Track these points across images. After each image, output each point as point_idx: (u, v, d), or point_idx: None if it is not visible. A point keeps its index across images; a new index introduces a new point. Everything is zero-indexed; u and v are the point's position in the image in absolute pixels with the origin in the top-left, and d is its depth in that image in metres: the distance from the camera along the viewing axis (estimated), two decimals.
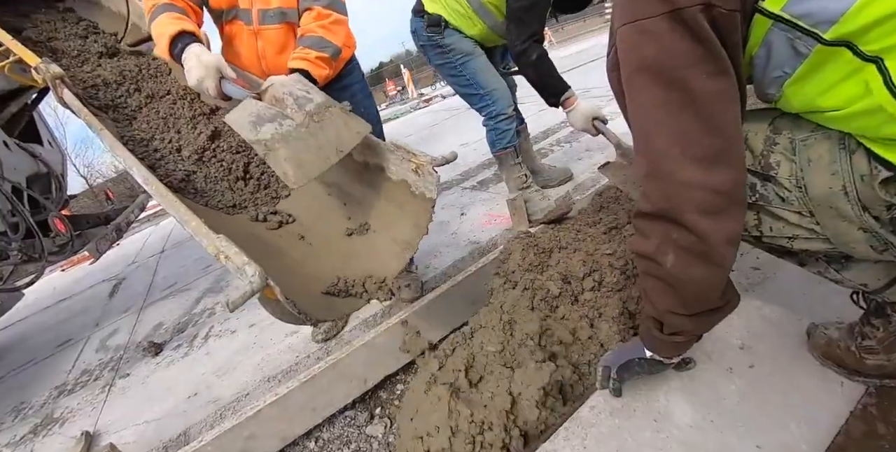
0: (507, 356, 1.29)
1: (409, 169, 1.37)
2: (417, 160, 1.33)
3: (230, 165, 1.73)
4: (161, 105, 1.96)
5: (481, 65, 2.40)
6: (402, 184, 1.42)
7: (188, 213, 1.09)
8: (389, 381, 2.13)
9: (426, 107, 10.94)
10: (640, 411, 1.13)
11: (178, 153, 1.78)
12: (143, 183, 1.28)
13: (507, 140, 2.49)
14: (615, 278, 1.60)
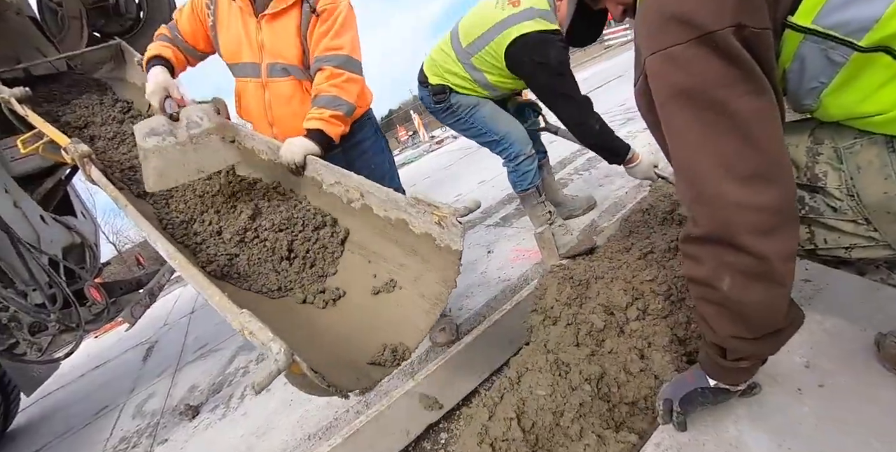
0: (559, 399, 1.22)
1: (431, 221, 1.33)
2: (440, 212, 1.27)
3: (273, 245, 1.69)
4: (197, 182, 1.95)
5: (489, 111, 2.44)
6: (426, 238, 1.37)
7: (211, 287, 1.09)
8: (432, 430, 2.05)
9: (439, 149, 11.15)
10: (710, 444, 1.05)
11: (219, 235, 1.75)
12: (166, 257, 1.30)
13: (528, 180, 2.50)
14: (660, 304, 1.54)
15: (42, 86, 3.01)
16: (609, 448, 1.09)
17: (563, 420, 1.19)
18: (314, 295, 1.56)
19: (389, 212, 1.49)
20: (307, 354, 1.13)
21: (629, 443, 1.11)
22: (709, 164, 0.78)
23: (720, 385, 1.02)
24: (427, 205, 1.33)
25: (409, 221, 1.42)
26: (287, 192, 1.87)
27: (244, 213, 1.76)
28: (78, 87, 2.98)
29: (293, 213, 1.75)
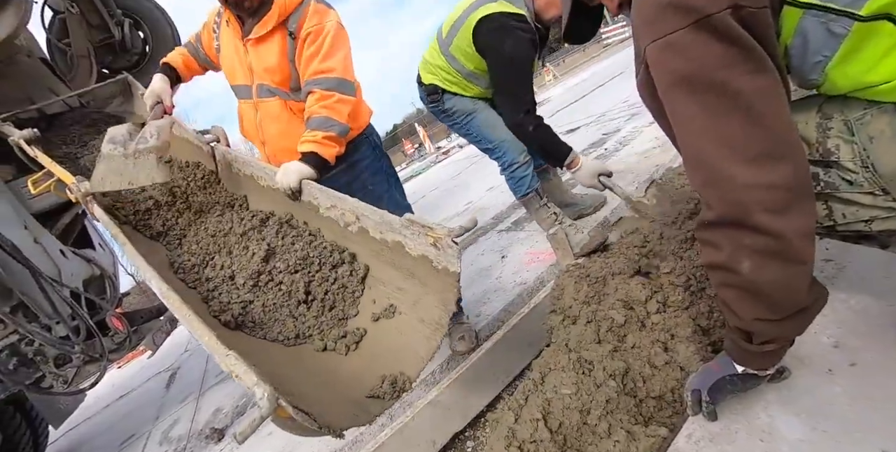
0: (585, 397, 1.20)
1: (427, 243, 1.28)
2: (434, 234, 1.22)
3: (290, 288, 1.60)
4: (209, 219, 1.97)
5: (485, 119, 2.45)
6: (423, 260, 1.32)
7: (201, 328, 1.09)
8: (458, 439, 2.03)
9: (446, 160, 11.20)
10: (742, 432, 1.02)
11: (232, 281, 1.68)
12: (160, 296, 1.30)
13: (526, 186, 2.50)
14: (679, 296, 1.52)
15: (60, 127, 3.11)
16: (640, 443, 1.07)
17: (590, 419, 1.17)
18: (335, 340, 1.48)
19: (385, 235, 1.46)
20: (302, 394, 1.15)
21: (659, 437, 1.08)
22: (715, 147, 0.78)
23: (748, 371, 1.00)
24: (421, 227, 1.28)
25: (405, 243, 1.38)
26: (300, 226, 1.81)
27: (257, 255, 1.68)
28: (96, 127, 3.05)
29: (308, 252, 1.67)
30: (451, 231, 1.19)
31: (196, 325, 1.10)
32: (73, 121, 3.21)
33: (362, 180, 2.02)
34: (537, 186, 2.47)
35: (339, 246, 1.66)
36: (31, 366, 2.74)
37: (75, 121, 3.20)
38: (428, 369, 2.19)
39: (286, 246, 1.72)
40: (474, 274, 2.94)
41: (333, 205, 1.62)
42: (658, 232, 1.93)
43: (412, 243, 1.35)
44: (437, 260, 1.28)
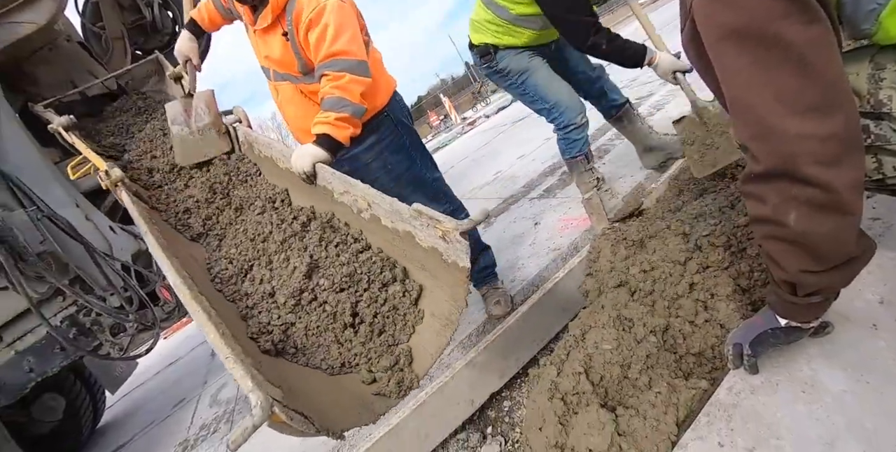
0: (625, 352, 1.24)
1: (436, 235, 1.21)
2: (442, 227, 1.15)
3: (335, 309, 1.45)
4: (250, 217, 1.91)
5: (541, 78, 2.40)
6: (433, 252, 1.26)
7: (208, 325, 1.09)
8: (495, 399, 2.10)
9: (472, 130, 11.09)
10: (784, 384, 1.04)
11: (272, 298, 1.55)
12: (174, 286, 1.31)
13: (577, 149, 2.47)
14: (720, 256, 1.52)
15: (109, 118, 3.22)
16: (680, 395, 1.10)
17: (630, 373, 1.20)
18: (385, 370, 1.32)
19: (396, 224, 1.40)
20: (306, 394, 1.17)
21: (700, 389, 1.11)
22: (766, 100, 0.77)
23: (791, 324, 1.01)
24: (429, 219, 1.21)
25: (416, 234, 1.32)
26: (342, 227, 1.68)
27: (298, 270, 1.54)
28: (142, 116, 3.13)
29: (356, 267, 1.51)
30: (459, 225, 1.11)
31: (205, 322, 1.10)
32: (120, 111, 3.30)
33: (382, 159, 2.02)
34: (587, 150, 2.43)
35: (390, 259, 1.52)
36: (90, 335, 2.92)
37: (122, 111, 3.30)
38: (464, 332, 2.25)
39: (330, 259, 1.58)
40: (507, 240, 2.97)
41: (346, 190, 1.58)
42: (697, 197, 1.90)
43: (422, 234, 1.29)
44: (447, 254, 1.21)
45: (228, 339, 1.12)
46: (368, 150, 2.00)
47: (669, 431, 1.03)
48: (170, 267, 1.38)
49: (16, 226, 2.65)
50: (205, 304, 1.28)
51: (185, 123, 2.18)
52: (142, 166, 2.46)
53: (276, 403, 0.86)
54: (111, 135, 2.97)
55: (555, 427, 1.12)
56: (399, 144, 2.07)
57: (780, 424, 0.97)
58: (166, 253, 1.48)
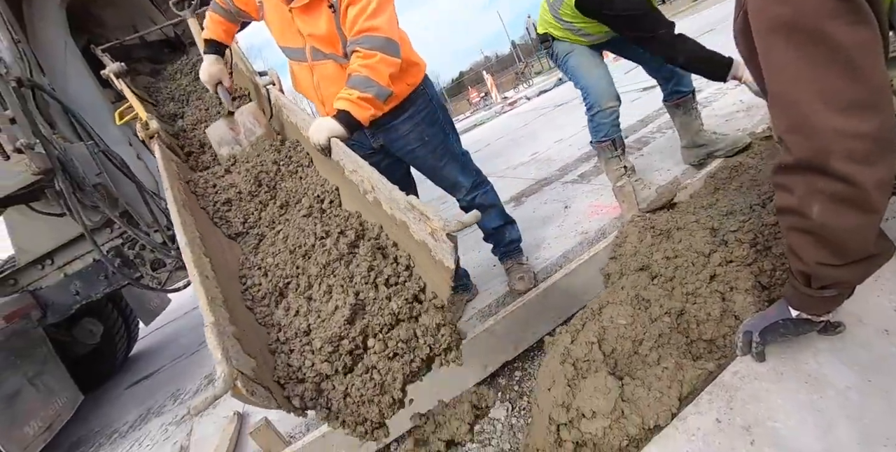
0: (639, 329, 1.30)
1: (426, 231, 1.15)
2: (430, 224, 1.10)
3: (384, 377, 1.19)
4: (293, 219, 1.74)
5: (578, 61, 2.45)
6: (424, 246, 1.20)
7: (200, 287, 1.12)
8: (507, 368, 2.19)
9: (511, 110, 10.99)
10: (788, 374, 1.09)
11: (307, 337, 1.29)
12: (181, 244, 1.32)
13: (602, 132, 2.49)
14: (744, 252, 1.54)
15: (170, 79, 3.29)
16: (687, 373, 1.16)
17: (641, 349, 1.26)
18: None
19: (394, 212, 1.34)
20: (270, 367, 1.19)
21: (706, 371, 1.17)
22: (808, 95, 0.80)
23: (802, 316, 1.05)
24: (420, 213, 1.15)
25: (409, 225, 1.25)
26: (391, 249, 1.45)
27: (340, 310, 1.28)
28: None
29: (415, 330, 1.26)
30: (447, 224, 1.04)
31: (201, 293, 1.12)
32: (181, 73, 3.40)
33: (419, 131, 2.06)
34: (616, 136, 2.46)
35: (450, 322, 1.30)
36: (132, 267, 3.11)
37: (183, 73, 3.39)
38: (484, 302, 2.34)
39: (379, 303, 1.30)
40: (536, 220, 3.02)
41: (355, 169, 1.54)
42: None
43: (415, 226, 1.23)
44: (435, 251, 1.15)
45: (216, 306, 1.13)
46: (406, 122, 2.04)
47: (671, 404, 1.10)
48: (179, 226, 1.40)
49: (75, 157, 2.82)
50: (206, 269, 1.31)
51: (234, 141, 2.07)
52: (194, 138, 2.43)
53: (242, 377, 0.89)
54: (171, 100, 3.02)
55: (563, 388, 1.20)
56: (434, 118, 2.11)
57: (779, 409, 1.03)
58: (181, 211, 1.51)
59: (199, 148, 2.34)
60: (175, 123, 2.64)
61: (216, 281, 1.35)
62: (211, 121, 2.41)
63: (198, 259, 1.32)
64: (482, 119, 11.85)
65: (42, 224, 3.00)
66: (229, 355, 0.93)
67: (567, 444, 1.15)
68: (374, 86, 1.66)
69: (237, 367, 0.91)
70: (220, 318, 1.08)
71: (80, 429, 3.53)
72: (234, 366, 0.90)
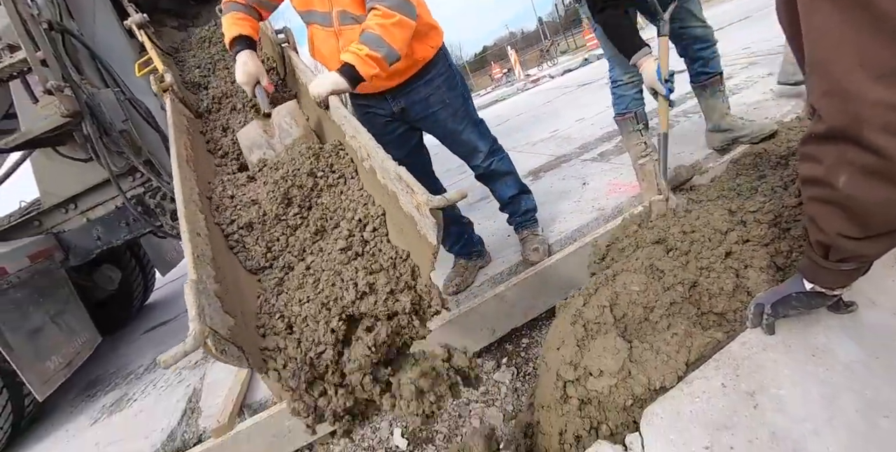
0: (651, 296, 1.32)
1: (413, 204, 1.11)
2: (416, 198, 1.06)
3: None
4: (328, 250, 1.43)
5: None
6: (411, 220, 1.16)
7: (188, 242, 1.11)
8: (515, 335, 2.24)
9: (534, 88, 10.83)
10: (796, 347, 1.11)
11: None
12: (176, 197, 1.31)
13: (623, 105, 2.47)
14: (762, 231, 1.55)
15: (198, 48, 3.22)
16: (695, 340, 1.18)
17: (652, 315, 1.29)
18: None
19: (386, 181, 1.29)
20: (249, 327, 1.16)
21: (714, 339, 1.19)
22: (850, 62, 0.78)
23: (816, 289, 1.06)
24: (407, 185, 1.11)
25: (399, 197, 1.22)
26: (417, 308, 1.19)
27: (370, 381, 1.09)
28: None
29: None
30: (430, 200, 1.01)
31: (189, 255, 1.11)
32: (210, 43, 3.34)
33: (440, 94, 2.06)
34: (638, 110, 2.43)
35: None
36: (153, 216, 3.17)
37: (212, 43, 3.32)
38: (497, 269, 2.37)
39: (408, 377, 1.09)
40: (553, 194, 3.03)
41: (353, 135, 1.49)
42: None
43: (403, 198, 1.19)
44: (421, 226, 1.11)
45: (202, 263, 1.13)
46: (427, 85, 2.04)
47: (678, 367, 1.13)
48: (178, 181, 1.38)
49: (102, 103, 2.85)
50: (199, 226, 1.30)
51: (267, 145, 1.79)
52: (217, 121, 2.17)
53: (214, 335, 0.90)
54: (196, 67, 2.87)
55: (572, 348, 1.24)
56: (454, 82, 2.12)
57: (784, 378, 1.05)
58: (182, 166, 1.48)
59: (221, 132, 2.08)
60: (199, 93, 2.47)
61: (208, 238, 1.33)
62: (237, 100, 2.22)
63: (192, 215, 1.31)
64: (503, 95, 11.70)
65: (67, 168, 3.06)
66: (204, 313, 0.94)
67: (573, 400, 1.19)
68: (385, 48, 1.65)
69: (210, 326, 0.92)
70: (202, 276, 1.08)
71: (98, 369, 3.68)
72: (208, 324, 0.91)
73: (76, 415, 2.97)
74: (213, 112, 2.22)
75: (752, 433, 0.95)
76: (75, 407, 3.12)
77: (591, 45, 14.67)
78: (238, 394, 2.18)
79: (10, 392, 2.64)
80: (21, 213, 3.37)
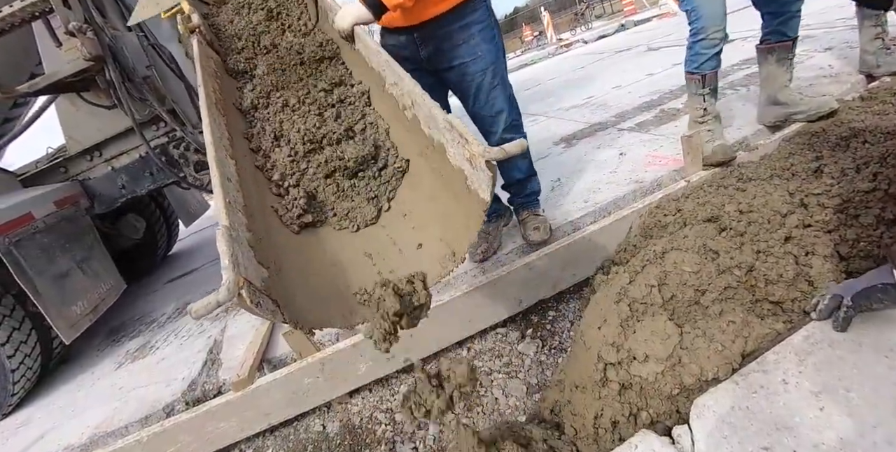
0: (704, 278, 1.23)
1: (465, 156, 1.08)
2: (470, 149, 1.01)
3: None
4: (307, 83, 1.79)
5: None
6: (460, 173, 1.14)
7: (219, 189, 1.09)
8: (541, 307, 2.17)
9: (567, 52, 10.40)
10: (867, 346, 1.02)
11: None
12: (206, 142, 1.27)
13: (696, 64, 2.25)
14: (826, 217, 1.43)
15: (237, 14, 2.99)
16: (753, 330, 1.10)
17: (703, 299, 1.20)
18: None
19: (432, 132, 1.27)
20: (293, 281, 1.14)
21: (774, 331, 1.11)
22: None
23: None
24: (459, 135, 1.06)
25: (447, 148, 1.19)
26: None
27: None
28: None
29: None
30: (487, 151, 0.97)
31: (217, 193, 1.09)
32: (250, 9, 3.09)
33: (474, 44, 1.90)
34: (710, 72, 2.23)
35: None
36: (176, 166, 3.13)
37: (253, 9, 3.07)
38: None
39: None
40: (588, 164, 2.89)
41: (395, 82, 1.45)
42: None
43: (452, 150, 1.16)
44: (471, 179, 1.09)
45: (233, 210, 1.10)
46: (462, 31, 1.88)
47: (733, 358, 1.05)
48: (208, 124, 1.35)
49: (126, 47, 2.76)
50: (229, 170, 1.27)
51: None
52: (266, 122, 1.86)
53: (248, 286, 0.86)
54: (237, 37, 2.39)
55: (616, 328, 1.16)
56: (491, 34, 1.96)
57: (853, 378, 0.96)
58: (211, 109, 1.45)
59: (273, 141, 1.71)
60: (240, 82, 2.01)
61: (238, 185, 1.31)
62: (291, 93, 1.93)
63: (221, 159, 1.27)
64: (534, 58, 11.26)
65: (91, 115, 3.01)
66: (238, 262, 0.90)
67: (612, 384, 1.13)
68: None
69: (245, 276, 0.87)
70: (234, 223, 1.05)
71: (122, 316, 3.75)
72: (242, 274, 0.86)
73: (102, 359, 3.03)
74: (260, 108, 1.83)
75: (817, 436, 0.87)
76: (101, 351, 3.19)
77: (627, 11, 13.97)
78: (259, 349, 2.17)
79: (39, 334, 2.70)
80: (48, 159, 3.35)
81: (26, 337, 2.62)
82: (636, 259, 1.38)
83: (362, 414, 1.99)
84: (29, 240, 2.52)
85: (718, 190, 1.76)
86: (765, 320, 1.16)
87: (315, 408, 2.03)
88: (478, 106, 2.03)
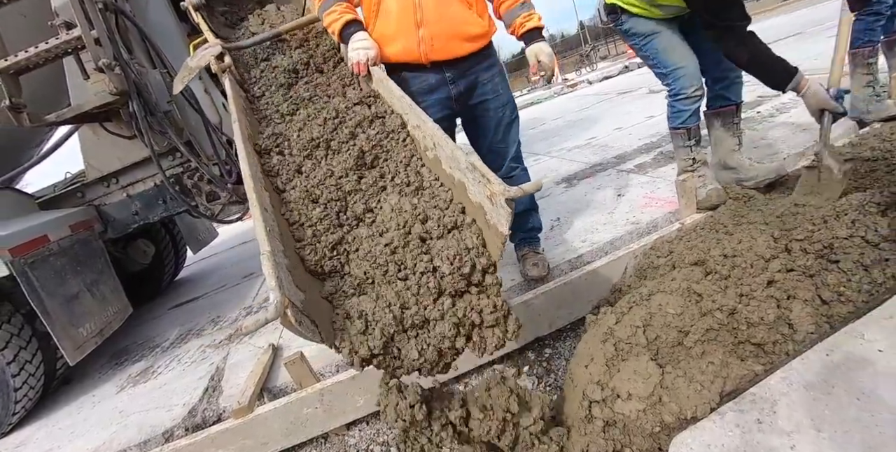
0: (687, 320, 1.29)
1: (485, 194, 1.17)
2: (491, 188, 1.10)
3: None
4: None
5: (664, 43, 2.29)
6: (480, 209, 1.23)
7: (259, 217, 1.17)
8: (538, 344, 2.22)
9: (572, 93, 10.70)
10: (840, 388, 1.06)
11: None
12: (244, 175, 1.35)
13: (680, 120, 2.38)
14: (808, 262, 1.50)
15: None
16: (732, 370, 1.15)
17: (686, 340, 1.26)
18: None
19: (453, 171, 1.36)
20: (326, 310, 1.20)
21: (752, 372, 1.16)
22: None
23: None
24: (481, 175, 1.15)
25: (468, 187, 1.27)
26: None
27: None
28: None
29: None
30: (507, 190, 1.05)
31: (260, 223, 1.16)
32: None
33: (496, 83, 2.06)
34: (693, 126, 2.35)
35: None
36: (189, 196, 3.24)
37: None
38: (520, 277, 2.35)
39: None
40: (586, 204, 2.98)
41: (418, 125, 1.54)
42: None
43: (473, 188, 1.25)
44: (491, 215, 1.18)
45: (272, 236, 1.18)
46: (487, 70, 2.05)
47: (712, 398, 1.10)
48: (244, 156, 1.44)
49: (150, 83, 2.92)
50: (265, 201, 1.35)
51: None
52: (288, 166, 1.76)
53: (292, 306, 0.93)
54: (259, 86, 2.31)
55: (601, 367, 1.22)
56: (503, 74, 2.14)
57: (825, 419, 1.01)
58: (246, 144, 1.55)
59: (305, 199, 1.58)
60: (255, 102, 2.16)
61: (273, 215, 1.39)
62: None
63: (260, 191, 1.36)
64: (538, 98, 11.58)
65: (111, 144, 3.14)
66: (282, 283, 0.98)
67: (597, 421, 1.18)
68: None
69: (288, 297, 0.95)
70: (275, 248, 1.13)
71: (126, 340, 3.80)
72: (286, 295, 0.94)
73: (104, 382, 3.07)
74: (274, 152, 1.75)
75: None
76: (103, 374, 3.22)
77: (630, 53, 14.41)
78: (260, 377, 2.21)
79: (44, 354, 2.75)
80: (66, 184, 3.48)
81: (32, 357, 2.68)
82: (623, 300, 1.44)
83: (359, 447, 2.01)
84: (43, 262, 2.61)
85: (709, 233, 1.84)
86: (745, 361, 1.21)
87: (312, 439, 2.05)
88: (492, 141, 2.16)
